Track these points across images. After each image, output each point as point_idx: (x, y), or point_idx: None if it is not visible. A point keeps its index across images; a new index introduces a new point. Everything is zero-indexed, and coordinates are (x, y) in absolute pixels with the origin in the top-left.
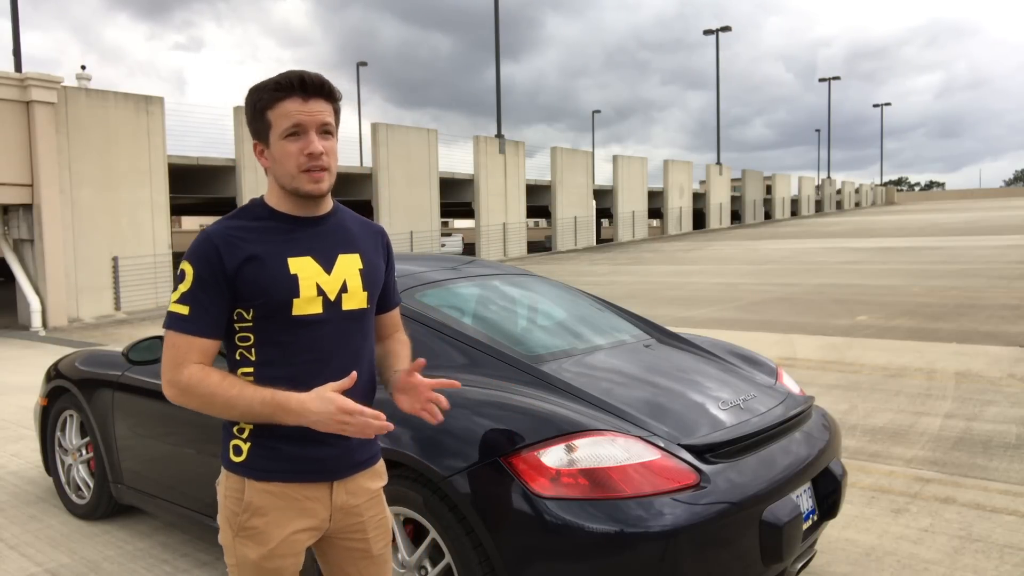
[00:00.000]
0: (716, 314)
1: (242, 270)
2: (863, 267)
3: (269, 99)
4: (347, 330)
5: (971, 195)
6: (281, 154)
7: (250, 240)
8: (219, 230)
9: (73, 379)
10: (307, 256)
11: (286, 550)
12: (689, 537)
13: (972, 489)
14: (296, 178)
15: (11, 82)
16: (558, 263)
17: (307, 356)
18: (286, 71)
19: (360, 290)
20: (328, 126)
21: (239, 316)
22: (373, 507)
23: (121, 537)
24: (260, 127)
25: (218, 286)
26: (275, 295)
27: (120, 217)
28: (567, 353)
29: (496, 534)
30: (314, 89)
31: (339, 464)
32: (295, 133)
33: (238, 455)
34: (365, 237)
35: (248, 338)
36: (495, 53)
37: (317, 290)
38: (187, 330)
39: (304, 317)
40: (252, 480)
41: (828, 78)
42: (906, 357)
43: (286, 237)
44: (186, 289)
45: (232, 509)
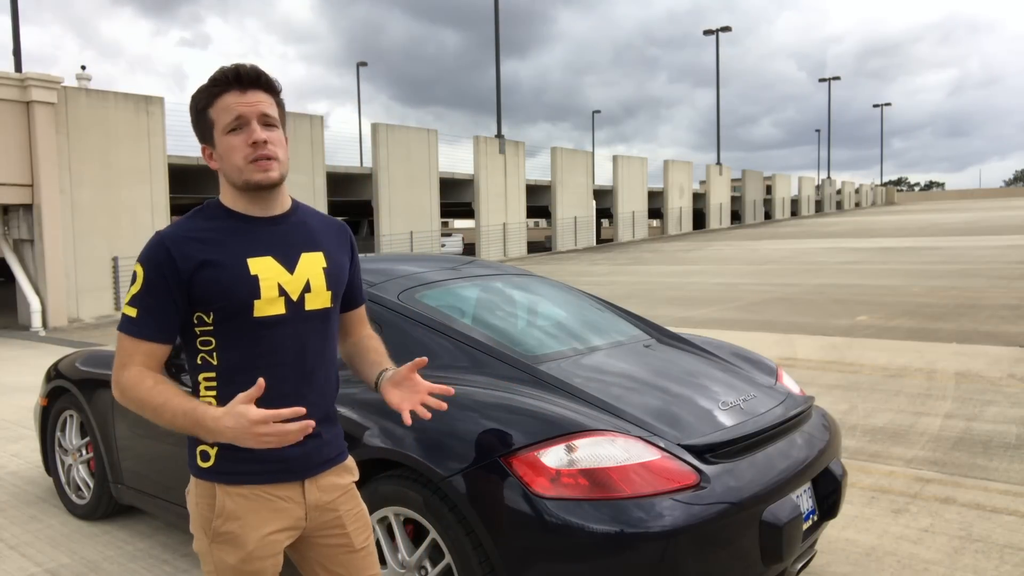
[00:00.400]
0: (716, 314)
1: (199, 273)
2: (863, 267)
3: (208, 97)
4: (311, 330)
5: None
6: (226, 149)
7: (207, 241)
8: (173, 232)
9: (73, 379)
10: (268, 256)
11: (264, 552)
12: (689, 537)
13: (972, 489)
14: (244, 170)
15: (11, 82)
16: (558, 263)
17: (270, 359)
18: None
19: (324, 289)
20: (269, 117)
21: (199, 320)
22: (348, 501)
23: (121, 537)
24: (204, 128)
25: (168, 290)
26: (235, 297)
27: (120, 217)
28: (567, 353)
29: (496, 534)
30: (250, 81)
31: (307, 463)
32: (237, 127)
33: (206, 460)
34: (328, 234)
35: (209, 342)
36: (495, 54)
37: (279, 290)
38: (133, 333)
39: (266, 319)
40: (223, 484)
41: (828, 78)
42: (906, 357)
43: (245, 237)
44: (136, 292)
45: (205, 516)
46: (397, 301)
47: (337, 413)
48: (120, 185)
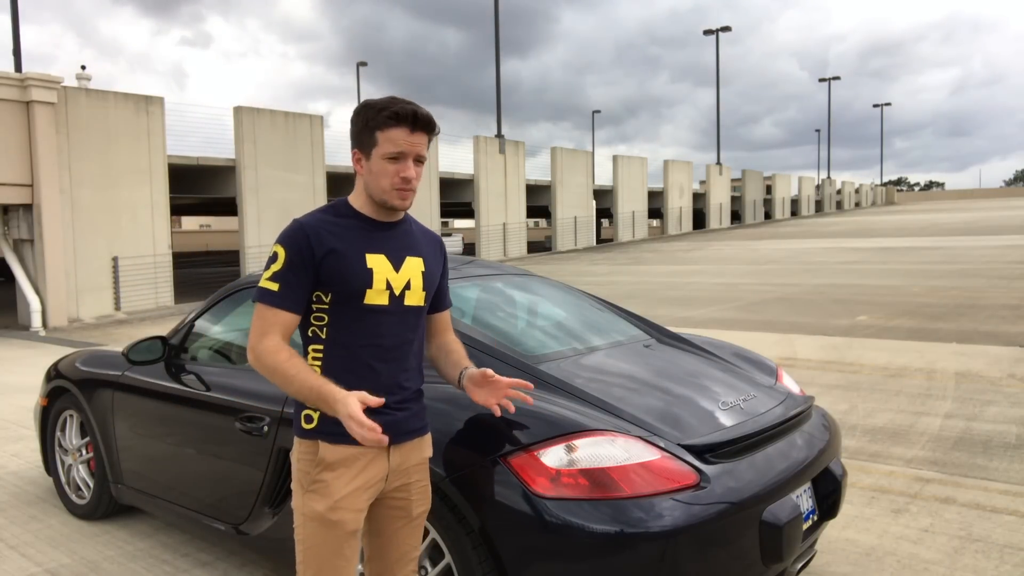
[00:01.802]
0: (716, 314)
1: (326, 258)
2: (863, 267)
3: (382, 123)
4: (405, 322)
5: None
6: (380, 171)
7: (335, 234)
8: (310, 221)
9: (73, 379)
10: (381, 254)
11: (348, 504)
12: (689, 537)
13: (972, 489)
14: (388, 193)
15: (11, 82)
16: (558, 263)
17: (370, 340)
18: (400, 101)
19: (420, 289)
20: (422, 156)
21: (317, 298)
22: (419, 472)
23: (121, 537)
24: (366, 142)
25: (305, 269)
26: (352, 284)
27: (120, 217)
28: (567, 353)
29: (496, 534)
30: (422, 125)
31: (396, 430)
32: (396, 158)
33: (309, 423)
34: (427, 244)
35: (322, 318)
36: (495, 54)
37: (386, 284)
38: (275, 303)
39: (372, 306)
40: (325, 442)
41: (828, 78)
42: (906, 357)
43: (365, 235)
44: (278, 269)
45: (304, 470)
46: None
47: (422, 393)
48: (120, 185)
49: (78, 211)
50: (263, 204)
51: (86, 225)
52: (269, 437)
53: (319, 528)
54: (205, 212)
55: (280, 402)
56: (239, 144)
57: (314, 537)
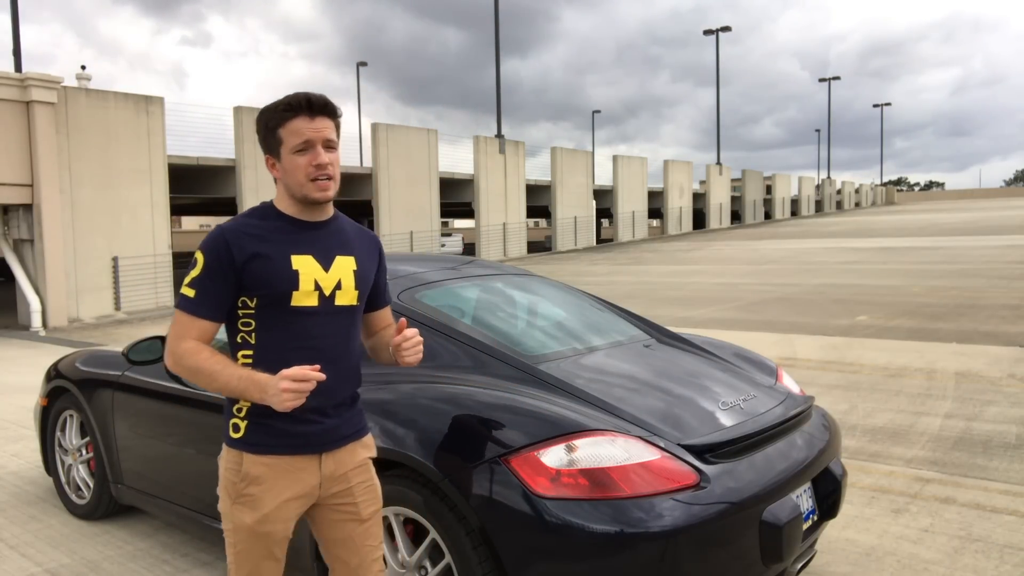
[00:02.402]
0: (716, 314)
1: (249, 263)
2: (863, 267)
3: (280, 118)
4: (338, 323)
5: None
6: (292, 167)
7: (259, 237)
8: (232, 227)
9: (73, 379)
10: (308, 255)
11: (278, 515)
12: (689, 537)
13: (972, 489)
14: (305, 187)
15: (11, 82)
16: (558, 263)
17: (301, 343)
18: (293, 93)
19: (352, 288)
20: (331, 142)
21: (243, 304)
22: (361, 474)
23: (121, 537)
24: (272, 143)
25: (224, 275)
26: (277, 287)
27: (120, 217)
28: (567, 353)
29: (496, 534)
30: (319, 109)
31: (325, 438)
32: (303, 148)
33: (236, 432)
34: (361, 242)
35: (250, 323)
36: (495, 54)
37: (314, 285)
38: (190, 310)
39: (301, 308)
40: (249, 453)
41: (828, 78)
42: (906, 357)
43: (291, 237)
44: (195, 275)
45: (231, 479)
46: (397, 301)
47: (359, 399)
48: (120, 185)
49: (78, 211)
50: None
51: (86, 225)
52: None
53: (248, 537)
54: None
55: None
56: (239, 144)
57: (244, 543)
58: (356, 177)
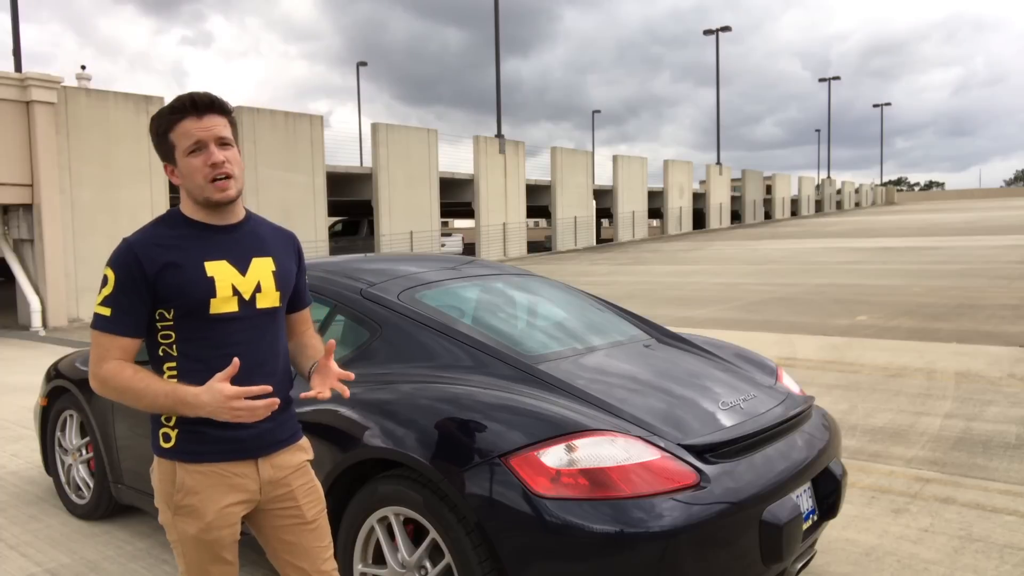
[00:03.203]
0: (716, 314)
1: (162, 274)
2: (863, 267)
3: (167, 123)
4: (261, 326)
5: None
6: (188, 169)
7: (168, 247)
8: (139, 239)
9: (73, 379)
10: (223, 260)
11: (221, 522)
12: (689, 537)
13: (972, 489)
14: (204, 188)
15: (11, 82)
16: (558, 263)
17: (225, 351)
18: (178, 95)
19: (273, 290)
20: (225, 139)
21: (160, 316)
22: (300, 477)
23: (121, 537)
24: (166, 149)
25: (137, 290)
26: (193, 295)
27: (120, 217)
28: (567, 353)
29: (496, 534)
30: (205, 107)
31: (260, 443)
32: (196, 149)
33: (167, 442)
34: (277, 242)
35: (170, 335)
36: (495, 54)
37: (232, 290)
38: (108, 329)
39: (221, 315)
40: (182, 463)
41: (828, 78)
42: (906, 357)
43: (202, 243)
44: (108, 293)
45: (167, 491)
46: (397, 301)
47: (291, 400)
48: (120, 185)
49: (78, 211)
50: (263, 204)
51: (86, 225)
52: None
53: (195, 547)
54: None
55: None
56: (239, 144)
57: (192, 552)
58: (356, 177)
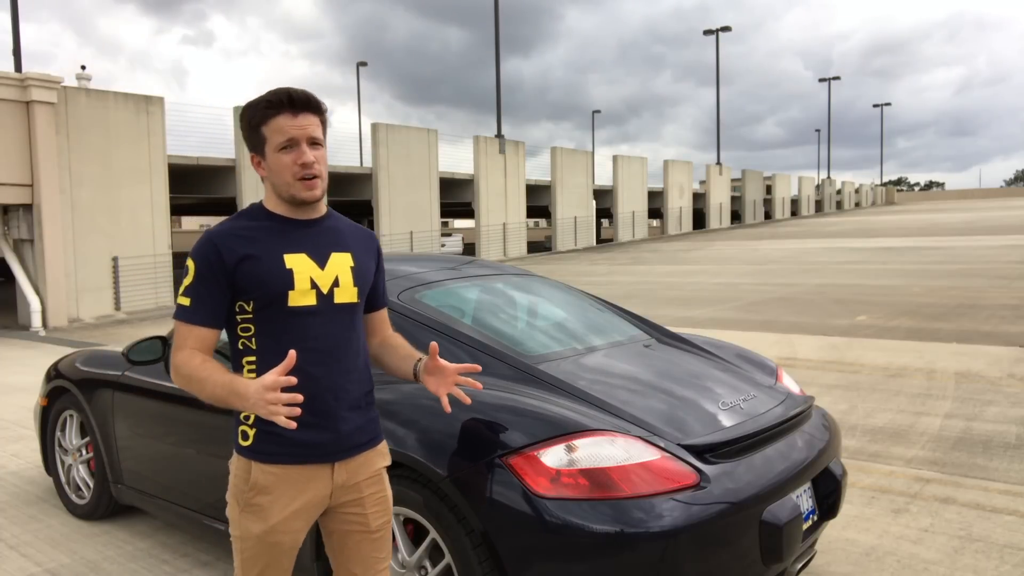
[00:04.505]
0: (716, 314)
1: (241, 266)
2: (863, 267)
3: (262, 116)
4: (339, 321)
5: (971, 195)
6: (277, 165)
7: (248, 239)
8: (220, 231)
9: (73, 379)
10: (302, 253)
11: (285, 527)
12: (689, 537)
13: (972, 489)
14: (292, 186)
15: (11, 82)
16: (558, 263)
17: (302, 344)
18: (275, 89)
19: (351, 285)
20: (316, 139)
21: (240, 308)
22: (373, 485)
23: (121, 537)
24: (256, 141)
25: (216, 281)
26: (272, 287)
27: (120, 217)
28: (567, 354)
29: (496, 534)
30: (302, 105)
31: (337, 447)
32: (288, 146)
33: (245, 440)
34: (356, 239)
35: (249, 328)
36: (495, 55)
37: (311, 283)
38: (186, 318)
39: (299, 308)
40: (258, 462)
41: (828, 78)
42: (906, 357)
43: (282, 236)
44: (188, 283)
45: (240, 487)
46: (397, 301)
47: (372, 401)
48: (120, 185)
49: (78, 211)
50: None
51: (86, 225)
52: None
53: (256, 546)
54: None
55: None
56: (239, 144)
57: (250, 552)
58: (356, 177)
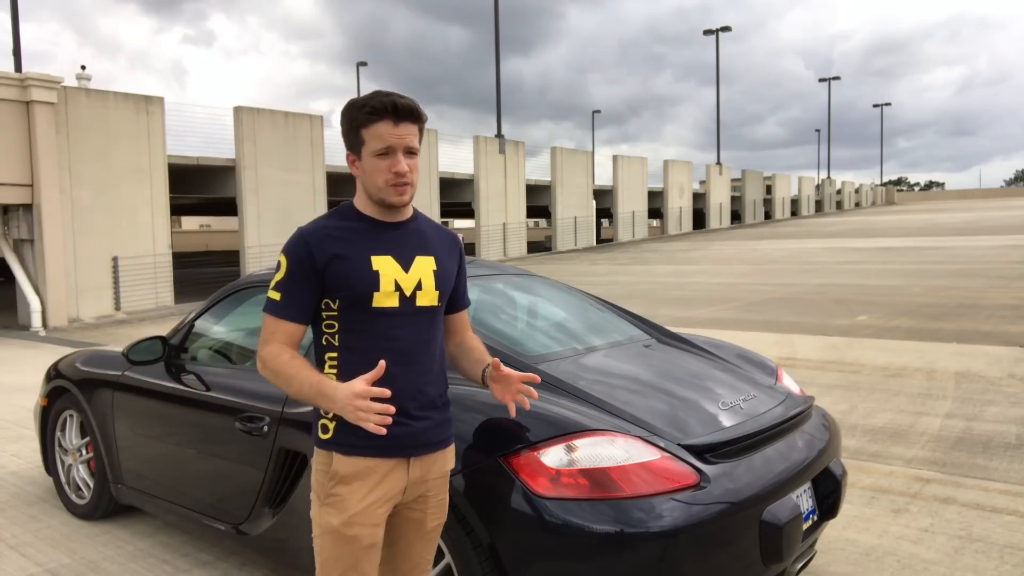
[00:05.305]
0: (716, 314)
1: (330, 265)
2: (863, 267)
3: (364, 120)
4: (419, 323)
5: (970, 195)
6: (372, 169)
7: (339, 239)
8: (312, 229)
9: (73, 379)
10: (388, 255)
11: (364, 519)
12: (689, 537)
13: (972, 489)
14: (383, 190)
15: (11, 82)
16: (558, 263)
17: (383, 344)
18: (381, 93)
19: (433, 289)
20: (413, 147)
21: (326, 305)
22: (438, 486)
23: (121, 537)
24: (354, 142)
25: (307, 278)
26: (358, 288)
27: (120, 217)
28: (567, 354)
29: (496, 534)
30: (404, 115)
31: (415, 442)
32: (385, 153)
33: (325, 433)
34: (440, 242)
35: (333, 325)
36: (495, 55)
37: (395, 286)
38: (276, 313)
39: (382, 309)
40: (339, 454)
41: (828, 78)
42: (906, 357)
43: (370, 238)
44: (280, 279)
45: (320, 481)
46: None
47: (448, 402)
48: (120, 185)
49: (78, 211)
50: (263, 204)
51: (86, 225)
52: (269, 437)
53: (334, 542)
54: (205, 212)
55: (280, 402)
56: (239, 144)
57: (330, 550)
58: None
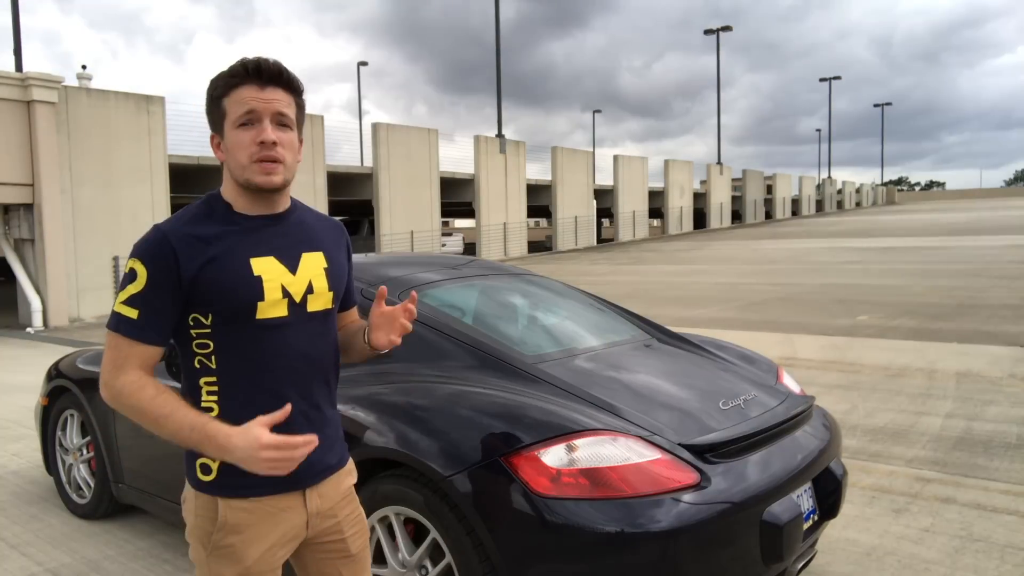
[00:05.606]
0: (717, 314)
1: (201, 273)
2: (864, 267)
3: (224, 86)
4: (312, 333)
5: (971, 195)
6: (233, 144)
7: (208, 240)
8: (176, 228)
9: (74, 378)
10: (270, 256)
11: (263, 566)
12: (689, 537)
13: (973, 489)
14: (247, 169)
15: (12, 82)
16: (559, 263)
17: (272, 362)
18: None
19: (326, 290)
20: (284, 117)
21: (196, 322)
22: (347, 506)
23: (122, 536)
24: (216, 117)
25: (172, 290)
26: (238, 298)
27: (121, 217)
28: (567, 353)
29: (497, 534)
30: (270, 76)
31: (310, 471)
32: (248, 122)
33: (207, 474)
34: (326, 233)
35: (207, 345)
36: (496, 56)
37: (282, 292)
38: (132, 335)
39: (268, 321)
40: (225, 498)
41: (829, 78)
42: (907, 357)
43: (246, 236)
44: (136, 291)
45: (205, 528)
46: (397, 301)
47: (338, 418)
48: (120, 184)
49: (79, 211)
50: None
51: (87, 225)
52: None
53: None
54: None
55: None
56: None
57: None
58: (357, 177)
